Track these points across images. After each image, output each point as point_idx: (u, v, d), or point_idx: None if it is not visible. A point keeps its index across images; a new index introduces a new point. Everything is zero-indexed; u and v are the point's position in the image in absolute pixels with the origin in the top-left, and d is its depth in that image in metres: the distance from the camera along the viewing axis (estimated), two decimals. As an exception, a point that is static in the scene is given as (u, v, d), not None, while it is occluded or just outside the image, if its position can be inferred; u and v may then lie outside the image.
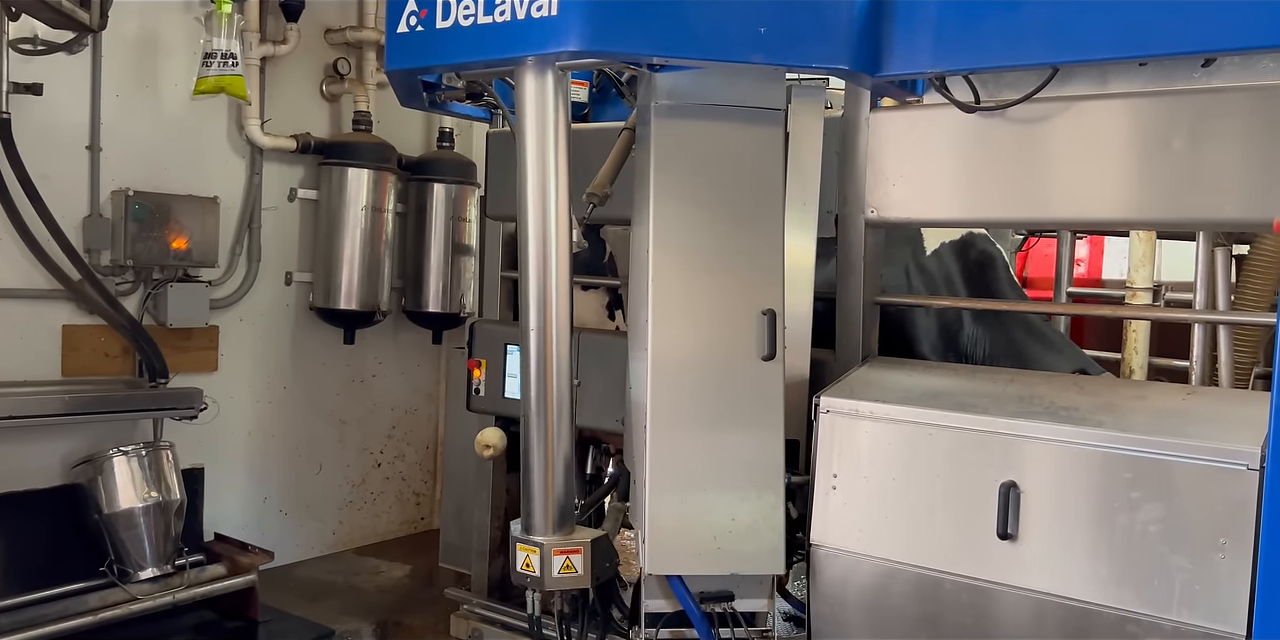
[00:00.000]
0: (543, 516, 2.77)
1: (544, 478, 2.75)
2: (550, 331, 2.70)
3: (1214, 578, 2.35)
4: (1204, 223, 3.00)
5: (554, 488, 2.76)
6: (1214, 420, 2.52)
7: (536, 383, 2.71)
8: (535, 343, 2.72)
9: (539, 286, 2.71)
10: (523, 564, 2.76)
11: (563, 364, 2.71)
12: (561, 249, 2.74)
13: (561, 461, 2.76)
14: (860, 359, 3.29)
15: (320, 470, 5.67)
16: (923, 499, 2.79)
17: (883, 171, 3.22)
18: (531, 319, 2.71)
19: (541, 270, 2.71)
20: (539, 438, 2.74)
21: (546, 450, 2.74)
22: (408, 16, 2.87)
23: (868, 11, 2.71)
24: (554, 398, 2.71)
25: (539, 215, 2.73)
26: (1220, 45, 2.37)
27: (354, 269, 5.20)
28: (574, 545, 2.76)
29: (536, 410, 2.72)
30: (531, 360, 2.71)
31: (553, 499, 2.76)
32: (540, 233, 2.72)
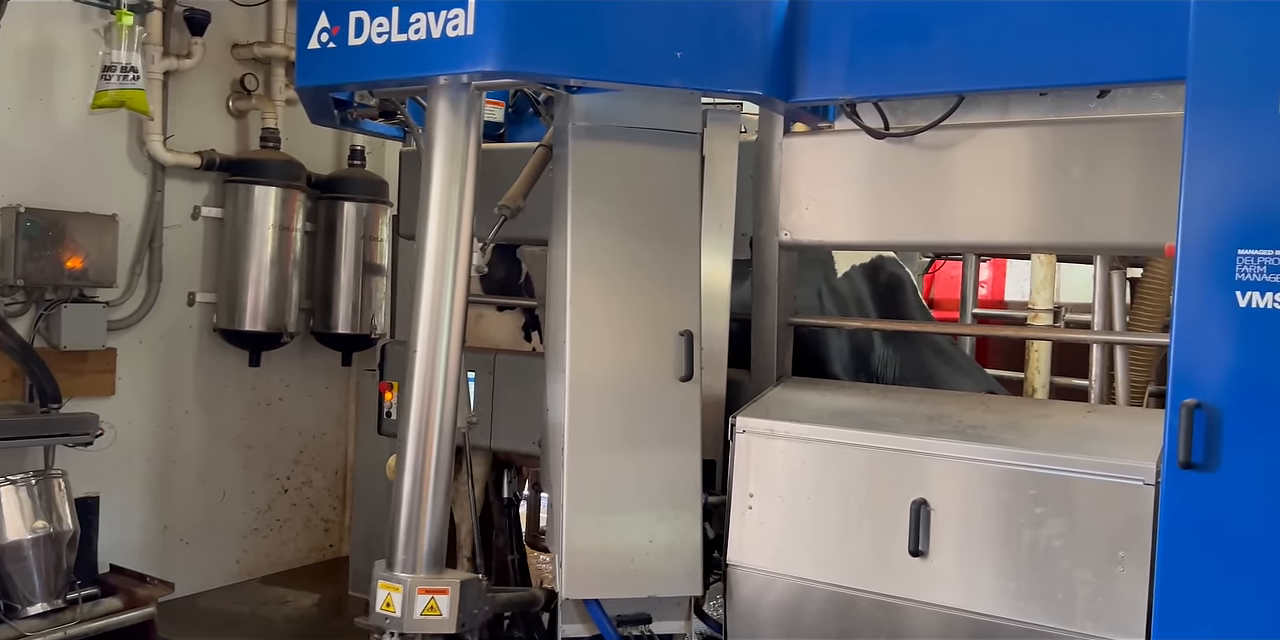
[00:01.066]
0: (409, 552, 2.61)
1: (415, 509, 2.61)
2: (439, 356, 2.63)
3: (1114, 590, 2.42)
4: (1100, 247, 3.13)
5: (426, 522, 2.62)
6: (1112, 437, 2.61)
7: (418, 407, 2.62)
8: (421, 366, 2.63)
9: (432, 310, 2.64)
10: (383, 604, 2.58)
11: (449, 390, 2.64)
12: (460, 273, 2.69)
13: (438, 494, 2.63)
14: (775, 379, 3.32)
15: (224, 497, 5.48)
16: (836, 517, 2.83)
17: (795, 195, 3.27)
18: (420, 342, 2.63)
19: (436, 294, 2.65)
20: (414, 466, 2.63)
21: (421, 480, 2.62)
22: (319, 32, 2.83)
23: (782, 39, 2.76)
24: (435, 424, 2.62)
25: (440, 239, 2.68)
26: (1113, 78, 2.48)
27: (260, 289, 5.07)
28: (441, 585, 2.59)
29: (415, 436, 2.62)
30: (415, 383, 2.62)
31: (424, 534, 2.61)
32: (439, 257, 2.67)
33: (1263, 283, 2.13)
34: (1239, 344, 2.16)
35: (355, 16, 2.75)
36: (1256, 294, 2.14)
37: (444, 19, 2.61)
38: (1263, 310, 2.13)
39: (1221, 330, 2.18)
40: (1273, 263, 2.13)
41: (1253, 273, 2.14)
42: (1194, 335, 2.21)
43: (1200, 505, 2.19)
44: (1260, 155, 2.15)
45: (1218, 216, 2.19)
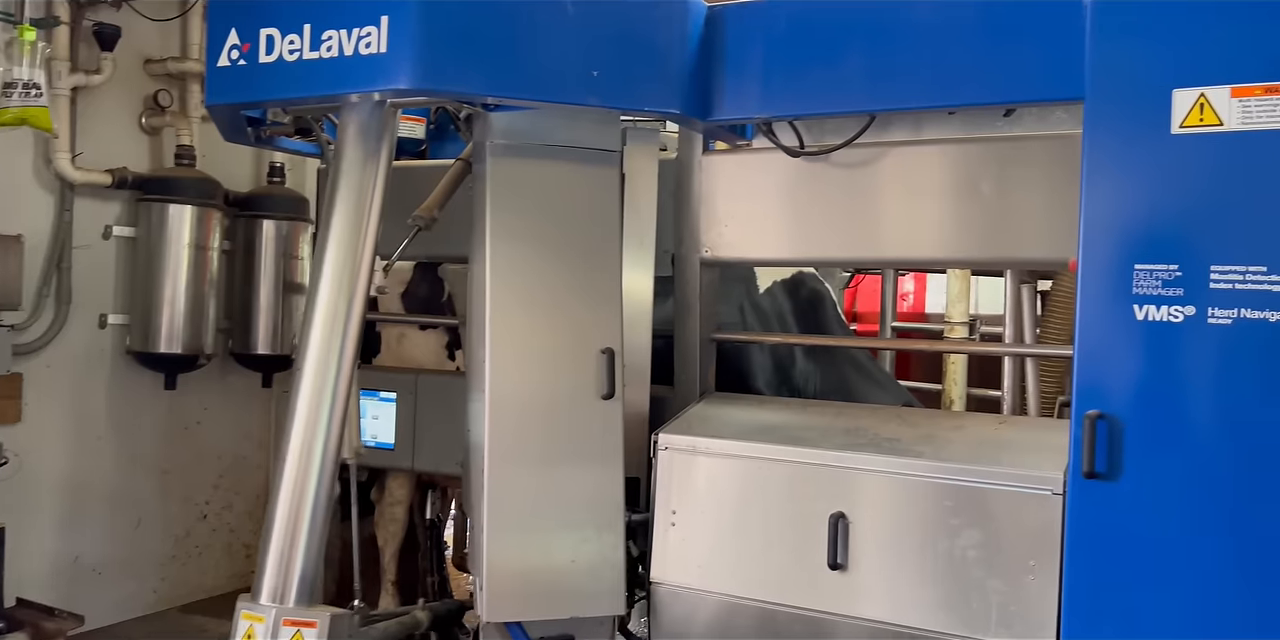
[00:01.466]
0: (278, 581, 2.44)
1: (288, 536, 2.45)
2: (326, 379, 2.53)
3: (1026, 598, 2.48)
4: (1009, 261, 3.21)
5: (300, 549, 2.46)
6: (1023, 448, 2.68)
7: (301, 430, 2.51)
8: (307, 389, 2.53)
9: (324, 331, 2.56)
10: (243, 636, 2.39)
11: (335, 414, 2.54)
12: (358, 294, 2.62)
13: (315, 521, 2.47)
14: (698, 395, 3.34)
15: (139, 524, 5.31)
16: (758, 532, 2.84)
17: (715, 212, 3.30)
18: (309, 364, 2.54)
19: (330, 314, 2.57)
20: (292, 491, 2.48)
21: (298, 505, 2.47)
22: (229, 50, 2.78)
23: (698, 58, 2.80)
24: (318, 448, 2.51)
25: (339, 257, 2.62)
26: (1016, 97, 2.56)
27: (175, 310, 4.93)
28: (309, 617, 2.41)
29: (296, 460, 2.49)
30: (300, 406, 2.52)
31: (295, 562, 2.45)
32: (336, 276, 2.60)
33: (1158, 296, 2.21)
34: (1137, 356, 2.24)
35: (266, 34, 2.71)
36: (1153, 307, 2.22)
37: (356, 37, 2.58)
38: (1159, 323, 2.21)
39: (1121, 343, 2.25)
40: (1167, 277, 2.21)
41: (1148, 287, 2.22)
42: (1095, 348, 2.28)
43: (1104, 514, 2.26)
44: (1154, 172, 2.23)
45: (1115, 232, 2.27)
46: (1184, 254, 2.19)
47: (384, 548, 4.24)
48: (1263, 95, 2.11)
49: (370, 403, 3.92)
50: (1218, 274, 2.16)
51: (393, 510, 4.19)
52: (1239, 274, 2.14)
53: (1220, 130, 2.16)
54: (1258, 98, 2.12)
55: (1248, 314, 2.13)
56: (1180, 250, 2.20)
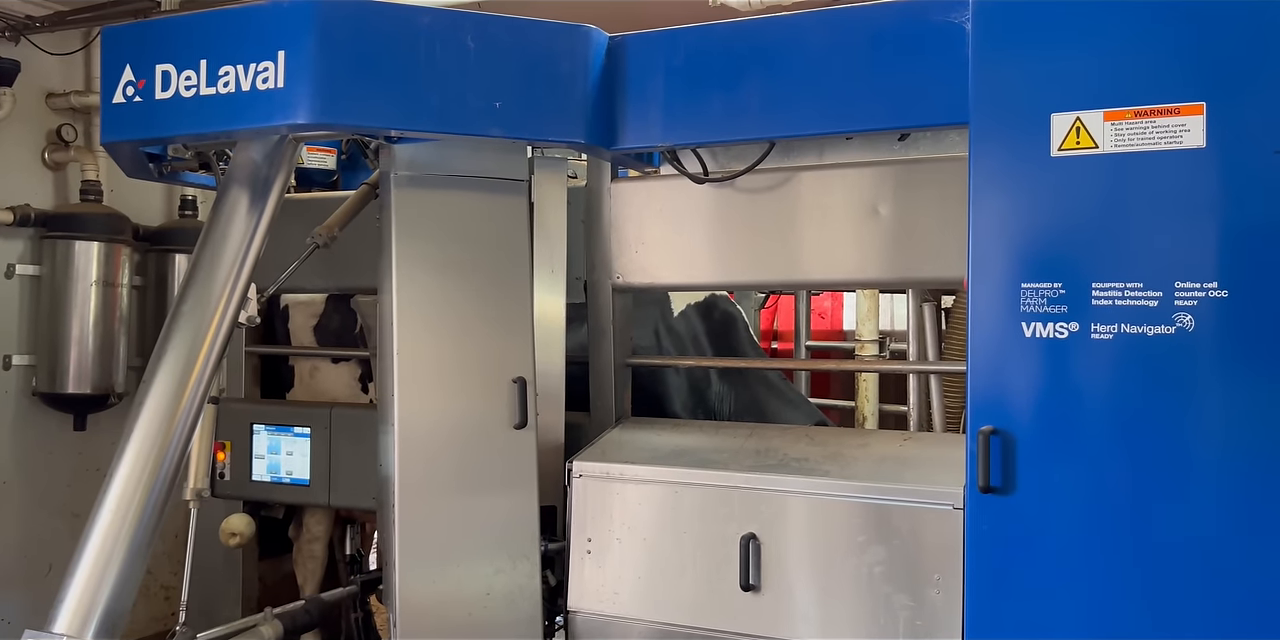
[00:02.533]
0: (83, 610, 2.21)
1: (100, 567, 2.27)
2: (172, 407, 2.44)
3: (932, 612, 2.52)
4: (910, 281, 3.28)
5: (109, 583, 2.27)
6: (926, 464, 2.73)
7: (133, 459, 2.40)
8: (147, 418, 2.42)
9: (173, 363, 2.47)
10: None
11: (175, 445, 2.43)
12: (224, 324, 2.56)
13: (131, 555, 2.32)
14: (614, 420, 3.35)
15: (50, 571, 5.13)
16: (673, 557, 2.85)
17: (626, 239, 3.33)
18: (152, 393, 2.44)
19: (192, 340, 2.49)
20: (111, 519, 2.34)
21: (115, 535, 2.32)
22: (124, 86, 2.75)
23: (601, 88, 2.83)
24: (147, 479, 2.40)
25: (206, 284, 2.57)
26: (909, 122, 2.63)
27: (84, 349, 4.81)
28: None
29: (124, 486, 2.38)
30: (136, 433, 2.42)
31: (102, 595, 2.25)
32: (202, 301, 2.54)
33: (1044, 314, 2.28)
34: (1027, 372, 2.31)
35: (161, 70, 2.68)
36: (1039, 324, 2.29)
37: (254, 72, 2.57)
38: (1046, 340, 2.28)
39: (1011, 360, 2.32)
40: (1052, 295, 2.28)
41: (1035, 305, 2.29)
42: (987, 365, 2.34)
43: (1001, 527, 2.31)
44: (1036, 194, 2.31)
45: (1002, 252, 2.34)
46: (1067, 272, 2.27)
47: (303, 585, 4.15)
48: (1133, 119, 2.21)
49: (284, 438, 3.86)
50: (1098, 291, 2.24)
51: (311, 547, 4.12)
52: (1118, 290, 2.22)
53: (1096, 152, 2.25)
54: (1129, 121, 2.21)
55: (1127, 328, 2.21)
56: (1063, 269, 2.28)
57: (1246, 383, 2.12)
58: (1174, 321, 2.17)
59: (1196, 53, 2.14)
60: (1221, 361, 2.14)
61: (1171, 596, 2.20)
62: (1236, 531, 2.15)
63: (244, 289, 2.58)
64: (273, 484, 3.84)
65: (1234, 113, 2.12)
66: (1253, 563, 2.14)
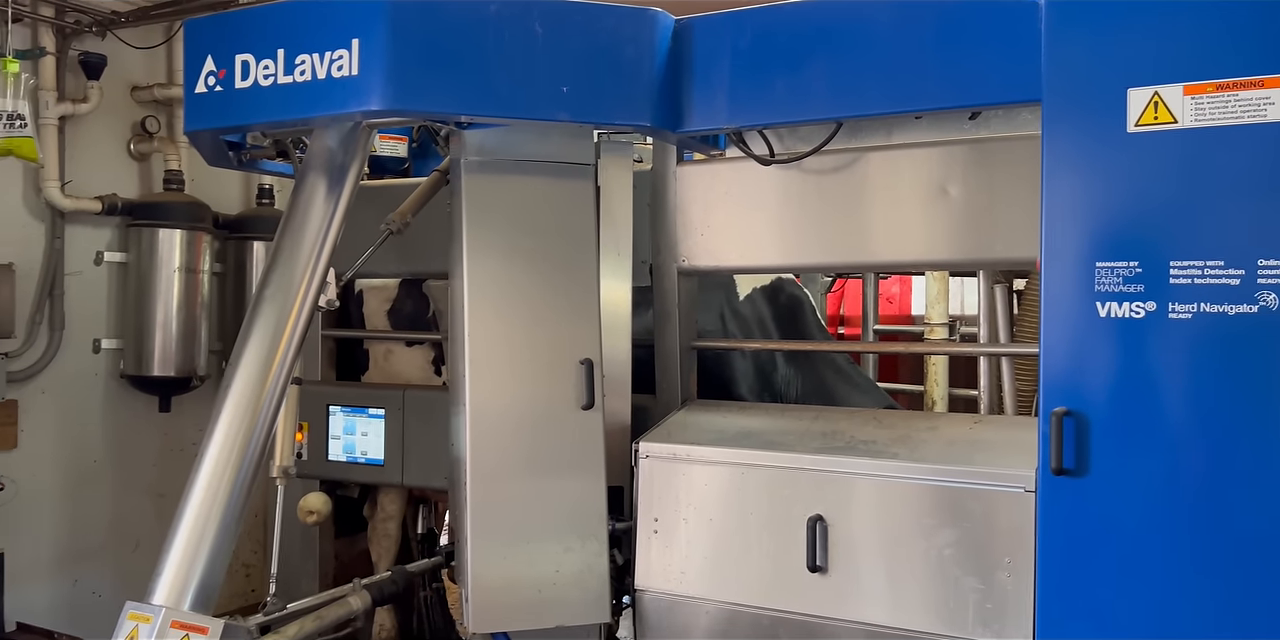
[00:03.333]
0: (175, 582, 2.33)
1: (194, 541, 2.38)
2: (251, 386, 2.53)
3: (1002, 596, 2.50)
4: (981, 262, 3.24)
5: (203, 556, 2.37)
6: (996, 447, 2.70)
7: (224, 437, 2.49)
8: (236, 395, 2.52)
9: (259, 344, 2.56)
10: (125, 638, 2.25)
11: (263, 422, 2.53)
12: (306, 308, 2.64)
13: (224, 527, 2.42)
14: (679, 403, 3.37)
15: (137, 547, 5.34)
16: (739, 537, 2.87)
17: (691, 222, 3.34)
18: (240, 372, 2.54)
19: (276, 323, 2.58)
20: (204, 495, 2.43)
21: (207, 510, 2.42)
22: (206, 76, 2.84)
23: (667, 71, 2.83)
24: (237, 455, 2.49)
25: (287, 268, 2.65)
26: (976, 101, 2.59)
27: (168, 333, 4.99)
28: (201, 623, 2.29)
29: (215, 463, 2.47)
30: (226, 411, 2.52)
31: (197, 568, 2.36)
32: (284, 285, 2.62)
33: (1120, 293, 2.24)
34: (1102, 353, 2.26)
35: (241, 59, 2.76)
36: (1115, 304, 2.24)
37: (329, 60, 2.63)
38: (1120, 320, 2.24)
39: (1085, 340, 2.28)
40: (1128, 274, 2.24)
41: (1110, 284, 2.25)
42: (1060, 346, 2.31)
43: (1074, 509, 2.28)
44: (1111, 171, 2.27)
45: (1076, 231, 2.30)
46: (1144, 251, 2.22)
47: (378, 563, 4.26)
48: (1214, 92, 2.15)
49: (360, 419, 3.96)
50: (1177, 270, 2.19)
51: (385, 525, 4.22)
52: (1198, 269, 2.17)
53: (1175, 128, 2.19)
54: (1209, 95, 2.15)
55: (1207, 308, 2.16)
56: (1140, 247, 2.23)
57: (1333, 363, 2.06)
58: (1257, 300, 2.11)
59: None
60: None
61: (1249, 585, 2.15)
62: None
63: (324, 273, 2.66)
64: (348, 464, 3.94)
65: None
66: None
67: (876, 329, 4.52)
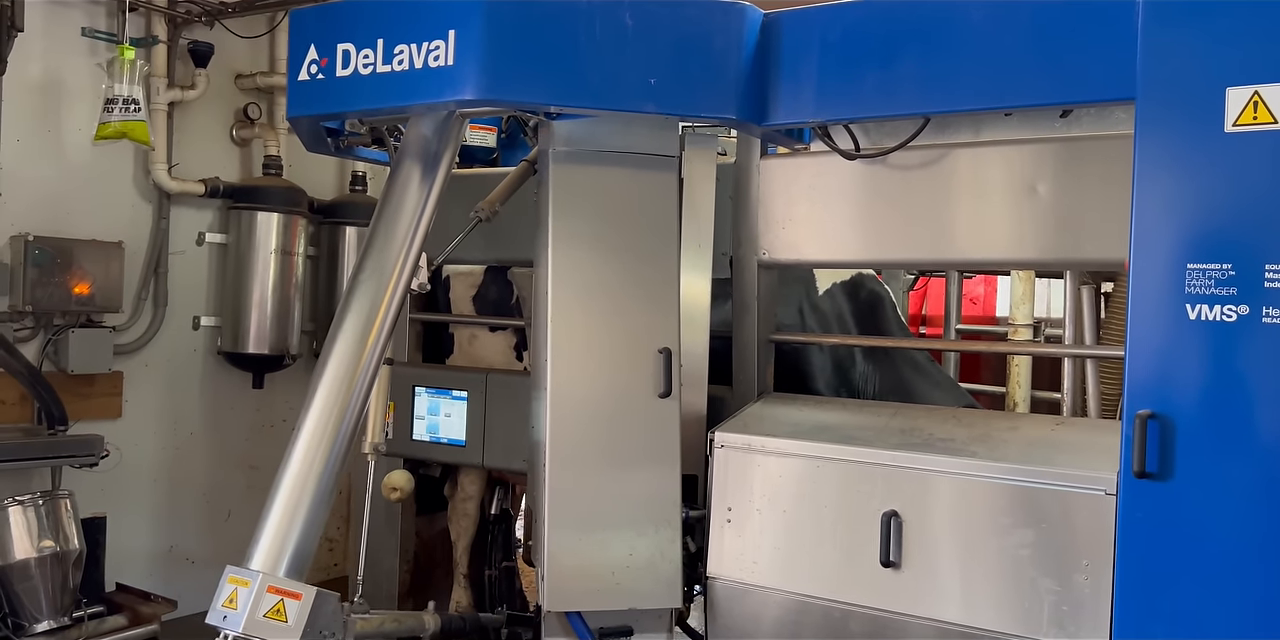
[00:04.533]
0: (272, 549, 2.45)
1: (290, 509, 2.50)
2: (345, 362, 2.62)
3: (1079, 598, 2.47)
4: (1068, 263, 3.19)
5: (299, 525, 2.48)
6: (1078, 449, 2.66)
7: (321, 410, 2.59)
8: (332, 373, 2.61)
9: (355, 323, 2.66)
10: (225, 599, 2.37)
11: (356, 399, 2.61)
12: (399, 290, 2.72)
13: (319, 497, 2.52)
14: (756, 395, 3.39)
15: (229, 517, 5.57)
16: (812, 529, 2.88)
17: (773, 215, 3.35)
18: (336, 350, 2.63)
19: (371, 304, 2.67)
20: (300, 466, 2.54)
21: (303, 480, 2.53)
22: (309, 65, 2.94)
23: (753, 64, 2.86)
24: (332, 429, 2.57)
25: (380, 254, 2.74)
26: (1068, 98, 2.55)
27: (263, 312, 5.18)
28: (296, 589, 2.39)
29: (311, 435, 2.56)
30: (323, 385, 2.61)
31: (293, 533, 2.47)
32: (379, 268, 2.71)
33: (1210, 296, 2.20)
34: (1190, 356, 2.23)
35: (343, 48, 2.86)
36: (1205, 307, 2.20)
37: (425, 50, 2.72)
38: (1211, 323, 2.20)
39: (1173, 343, 2.24)
40: (1220, 276, 2.19)
41: (1201, 286, 2.21)
42: (1147, 348, 2.27)
43: (1156, 513, 2.25)
44: (1206, 172, 2.22)
45: (1167, 232, 2.26)
46: (1237, 253, 2.18)
47: (457, 542, 4.38)
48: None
49: (443, 401, 4.07)
50: (1272, 273, 2.14)
51: (464, 505, 4.33)
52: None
53: (1274, 128, 2.14)
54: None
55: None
56: (1234, 249, 2.18)
57: None
58: (1355, 306, 2.05)
59: (1393, 21, 2.01)
60: None
61: (1341, 598, 2.10)
62: None
63: (416, 257, 2.75)
64: (431, 444, 4.05)
65: None
66: None
67: (959, 328, 4.47)
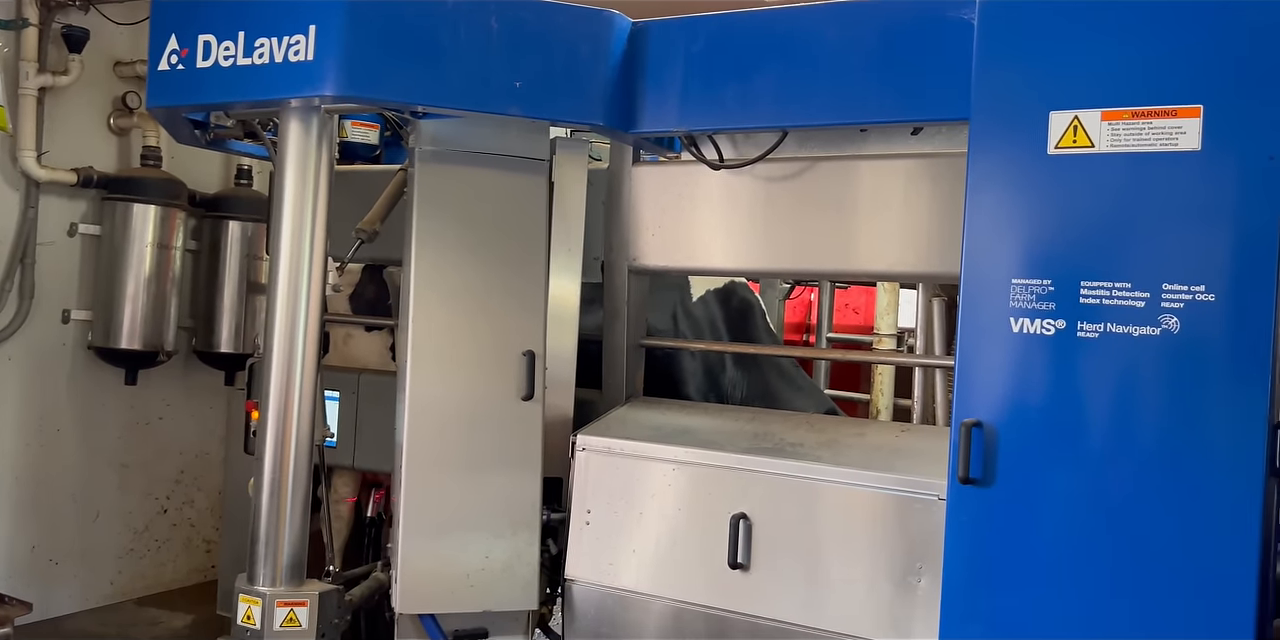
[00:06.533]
0: (269, 566, 2.73)
1: (273, 523, 2.73)
2: (294, 374, 2.72)
3: (913, 601, 2.56)
4: (919, 275, 3.30)
5: (285, 535, 2.74)
6: (918, 455, 2.76)
7: (275, 424, 2.72)
8: (277, 385, 2.72)
9: (286, 328, 2.73)
10: (243, 617, 2.71)
11: (305, 405, 2.72)
12: (314, 291, 2.77)
13: (296, 509, 2.74)
14: (624, 399, 3.42)
15: (98, 517, 5.39)
16: (667, 532, 2.93)
17: (644, 222, 3.40)
18: (275, 360, 2.72)
19: (289, 311, 2.73)
20: (272, 480, 2.74)
21: (279, 493, 2.73)
22: (169, 54, 2.90)
23: (621, 72, 2.90)
24: (292, 438, 2.72)
25: (292, 258, 2.77)
26: (915, 116, 2.66)
27: (137, 307, 5.03)
28: (300, 597, 2.72)
29: (273, 451, 2.73)
30: (271, 401, 2.71)
31: (282, 547, 2.74)
32: (291, 276, 2.76)
33: (1032, 310, 2.30)
34: (1013, 368, 2.33)
35: (203, 39, 2.82)
36: (1027, 320, 2.31)
37: (286, 45, 2.70)
38: (1032, 336, 2.30)
39: (998, 354, 2.34)
40: (1040, 292, 2.30)
41: (1024, 301, 2.31)
42: (974, 358, 2.37)
43: (979, 518, 2.35)
44: (1030, 192, 2.33)
45: (995, 248, 2.36)
46: (1057, 270, 2.28)
47: (329, 544, 4.30)
48: (1130, 119, 2.21)
49: (315, 401, 4.01)
50: (1087, 290, 2.25)
51: (337, 507, 4.27)
52: (1106, 290, 2.23)
53: (1092, 152, 2.25)
54: (1125, 121, 2.21)
55: (1113, 328, 2.22)
56: (1054, 266, 2.29)
57: (1229, 387, 2.12)
58: (1160, 323, 2.17)
59: (1196, 55, 2.13)
60: (1205, 364, 2.14)
61: (1151, 594, 2.21)
62: (1218, 531, 2.14)
63: (324, 254, 2.79)
64: (300, 444, 3.98)
65: (1231, 117, 2.11)
66: (1233, 561, 2.13)
67: (830, 337, 4.58)
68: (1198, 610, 2.17)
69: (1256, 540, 2.09)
